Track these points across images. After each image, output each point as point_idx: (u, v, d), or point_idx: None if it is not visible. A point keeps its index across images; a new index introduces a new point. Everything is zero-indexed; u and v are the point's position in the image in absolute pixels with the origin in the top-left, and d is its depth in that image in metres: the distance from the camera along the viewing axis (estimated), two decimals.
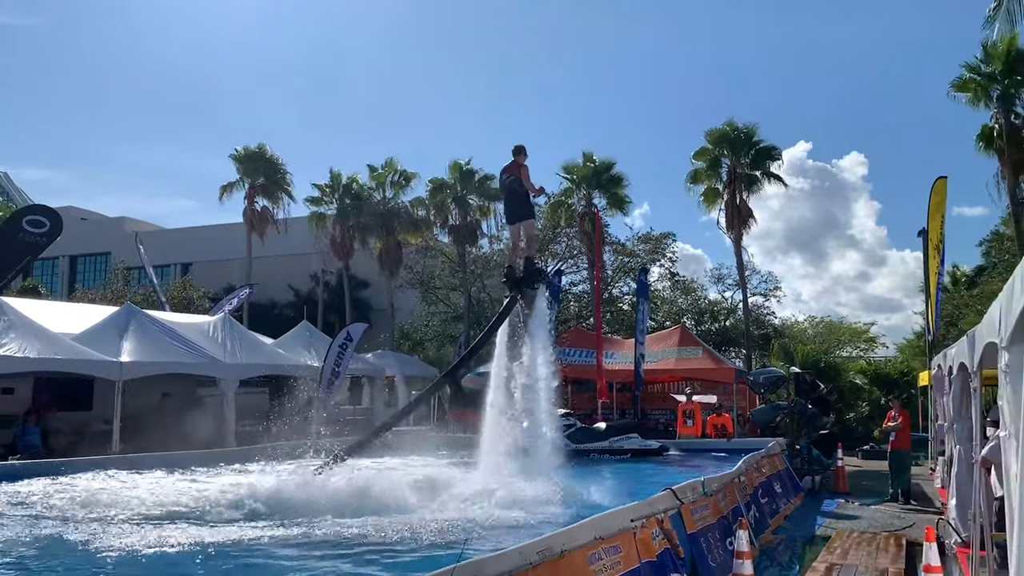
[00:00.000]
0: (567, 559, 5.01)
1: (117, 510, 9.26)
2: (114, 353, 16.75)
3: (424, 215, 35.81)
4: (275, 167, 37.10)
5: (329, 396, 20.55)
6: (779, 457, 14.88)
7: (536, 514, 8.93)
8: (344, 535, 7.72)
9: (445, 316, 39.84)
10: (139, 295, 34.94)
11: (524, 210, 13.23)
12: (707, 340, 32.15)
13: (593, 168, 32.40)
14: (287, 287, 45.87)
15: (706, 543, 7.77)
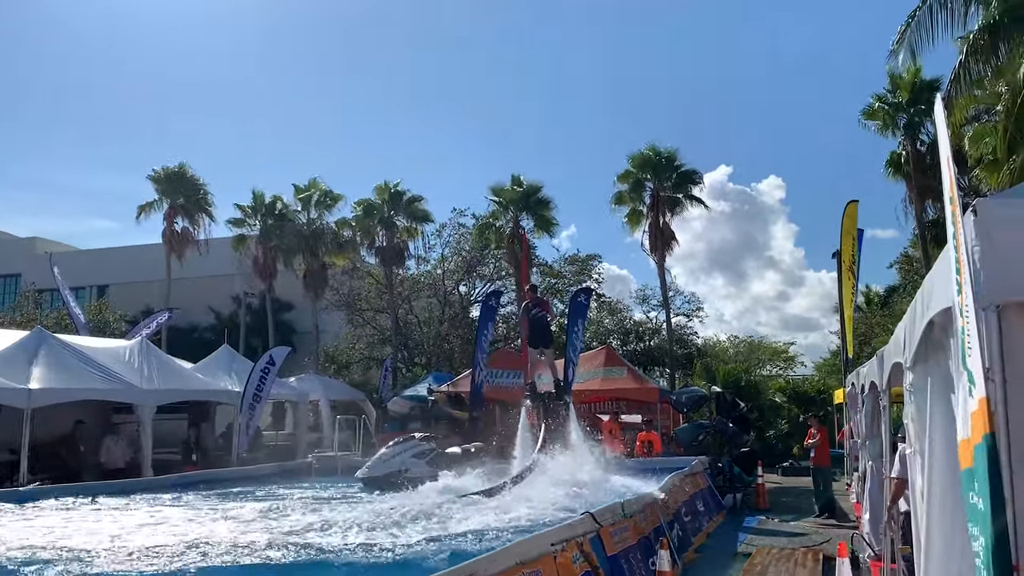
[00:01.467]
0: None
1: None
2: (22, 380, 16.06)
3: (350, 236, 35.46)
4: (195, 187, 36.24)
5: (251, 421, 20.08)
6: (702, 475, 15.17)
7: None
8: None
9: (372, 339, 39.47)
10: (51, 319, 33.60)
11: (547, 340, 16.50)
12: (632, 360, 32.61)
13: (521, 191, 32.69)
14: (208, 309, 44.70)
15: (627, 564, 7.85)
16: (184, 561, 7.91)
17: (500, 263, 38.01)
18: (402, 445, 16.26)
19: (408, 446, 16.23)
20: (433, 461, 15.90)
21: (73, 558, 8.11)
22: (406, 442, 16.55)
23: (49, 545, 8.84)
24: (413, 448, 16.11)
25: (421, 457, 15.91)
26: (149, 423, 18.11)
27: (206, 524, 10.61)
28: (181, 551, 8.37)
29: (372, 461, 16.07)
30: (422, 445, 16.32)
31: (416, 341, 38.78)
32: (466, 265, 38.98)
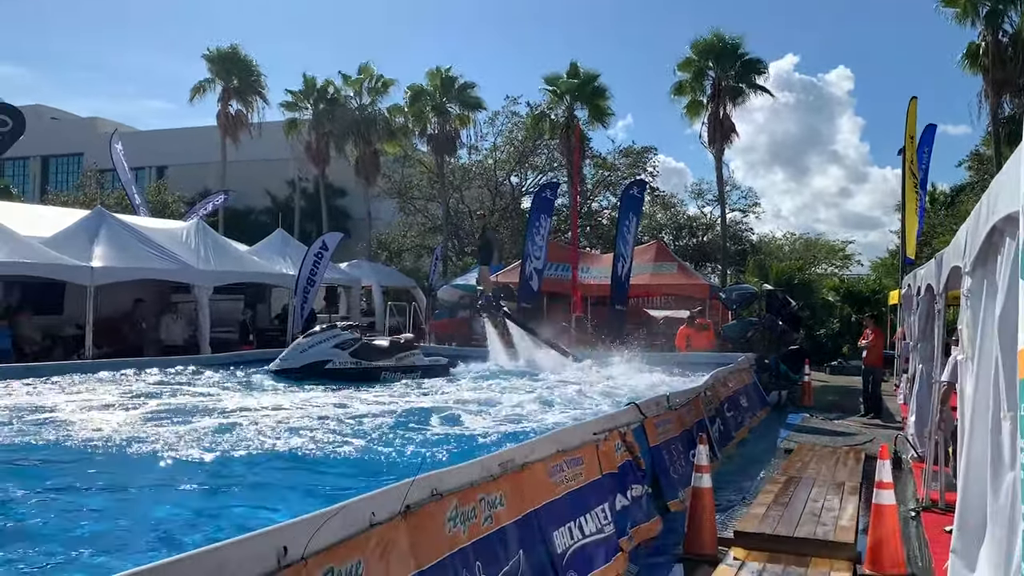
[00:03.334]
0: (528, 471, 5.09)
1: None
2: (85, 258, 16.56)
3: (402, 123, 35.12)
4: (249, 69, 35.99)
5: (305, 304, 20.53)
6: (747, 372, 15.16)
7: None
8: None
9: (423, 227, 39.65)
10: (112, 198, 34.38)
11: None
12: (684, 256, 32.33)
13: (577, 80, 31.77)
14: (263, 193, 45.21)
15: (668, 456, 7.95)
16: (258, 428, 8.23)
17: (553, 154, 37.42)
18: (322, 335, 14.84)
19: (328, 335, 14.78)
20: (357, 352, 14.58)
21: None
22: (326, 331, 15.14)
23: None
24: (334, 338, 14.65)
25: (344, 348, 14.51)
26: (206, 303, 18.64)
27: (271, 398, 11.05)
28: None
29: (287, 351, 14.81)
30: (344, 335, 14.84)
31: (467, 231, 38.85)
32: (518, 155, 38.50)
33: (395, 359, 14.84)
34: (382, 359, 14.69)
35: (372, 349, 14.85)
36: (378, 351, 14.87)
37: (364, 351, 14.61)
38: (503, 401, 11.42)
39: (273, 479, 6.47)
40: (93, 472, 6.51)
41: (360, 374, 14.04)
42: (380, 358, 14.68)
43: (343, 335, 14.77)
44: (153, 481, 6.30)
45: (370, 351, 14.73)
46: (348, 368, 14.17)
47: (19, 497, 5.82)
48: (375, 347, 15.02)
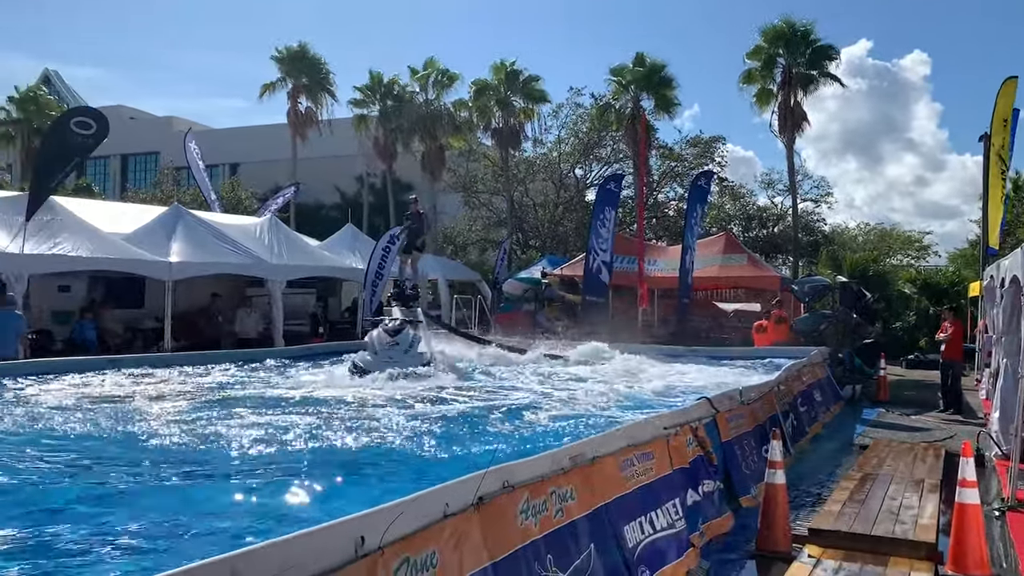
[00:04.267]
0: (599, 465, 5.07)
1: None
2: (164, 253, 17.13)
3: (467, 117, 35.32)
4: (317, 67, 36.72)
5: (373, 298, 20.83)
6: (821, 366, 14.81)
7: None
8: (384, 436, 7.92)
9: (488, 221, 39.80)
10: (188, 195, 35.44)
11: (418, 246, 17.09)
12: (754, 247, 31.74)
13: (643, 70, 31.44)
14: (333, 189, 46.07)
15: (740, 451, 7.83)
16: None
17: (618, 145, 37.12)
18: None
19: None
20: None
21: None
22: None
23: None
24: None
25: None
26: (279, 297, 19.11)
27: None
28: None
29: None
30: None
31: (531, 224, 38.86)
32: (583, 147, 38.29)
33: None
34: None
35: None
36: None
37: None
38: (574, 393, 11.39)
39: (346, 470, 6.59)
40: (176, 461, 6.73)
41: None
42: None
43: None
44: (230, 470, 6.48)
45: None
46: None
47: (104, 483, 6.04)
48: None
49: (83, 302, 17.55)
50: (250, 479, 6.19)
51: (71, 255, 15.23)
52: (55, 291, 17.38)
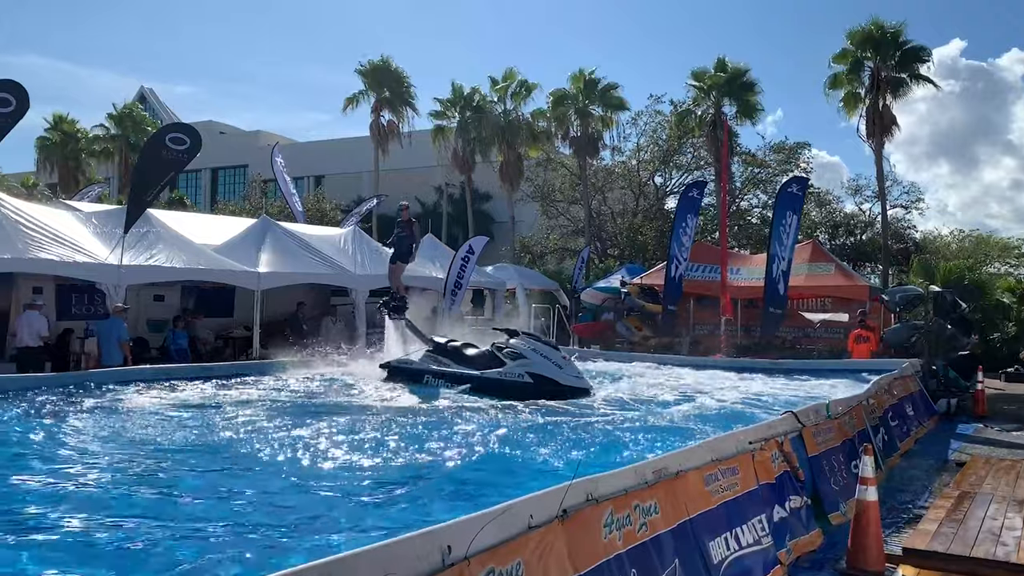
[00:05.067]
0: (683, 479, 5.01)
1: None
2: (253, 264, 17.70)
3: (545, 127, 35.43)
4: (399, 80, 37.44)
5: (452, 307, 21.07)
6: (913, 379, 14.27)
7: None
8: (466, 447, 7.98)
9: (565, 229, 39.78)
10: (275, 207, 36.55)
11: (407, 258, 16.84)
12: (841, 255, 30.86)
13: (724, 75, 30.96)
14: (413, 199, 46.77)
15: (828, 466, 7.60)
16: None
17: (699, 152, 36.69)
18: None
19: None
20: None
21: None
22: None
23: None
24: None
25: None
26: (363, 306, 19.52)
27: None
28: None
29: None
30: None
31: (609, 233, 38.67)
32: (662, 155, 37.94)
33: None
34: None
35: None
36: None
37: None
38: (651, 403, 11.27)
39: (431, 479, 6.66)
40: (263, 467, 6.93)
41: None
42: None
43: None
44: (313, 478, 6.62)
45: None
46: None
47: (192, 489, 6.25)
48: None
49: (176, 311, 18.26)
50: (342, 486, 6.32)
51: (166, 266, 15.89)
52: (151, 300, 18.16)
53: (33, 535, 4.92)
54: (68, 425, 8.69)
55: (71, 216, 16.72)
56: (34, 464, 6.90)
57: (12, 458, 7.11)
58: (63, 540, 4.86)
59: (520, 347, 12.74)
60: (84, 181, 38.77)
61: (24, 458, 7.11)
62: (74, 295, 16.72)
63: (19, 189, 33.21)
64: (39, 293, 15.95)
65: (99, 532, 5.03)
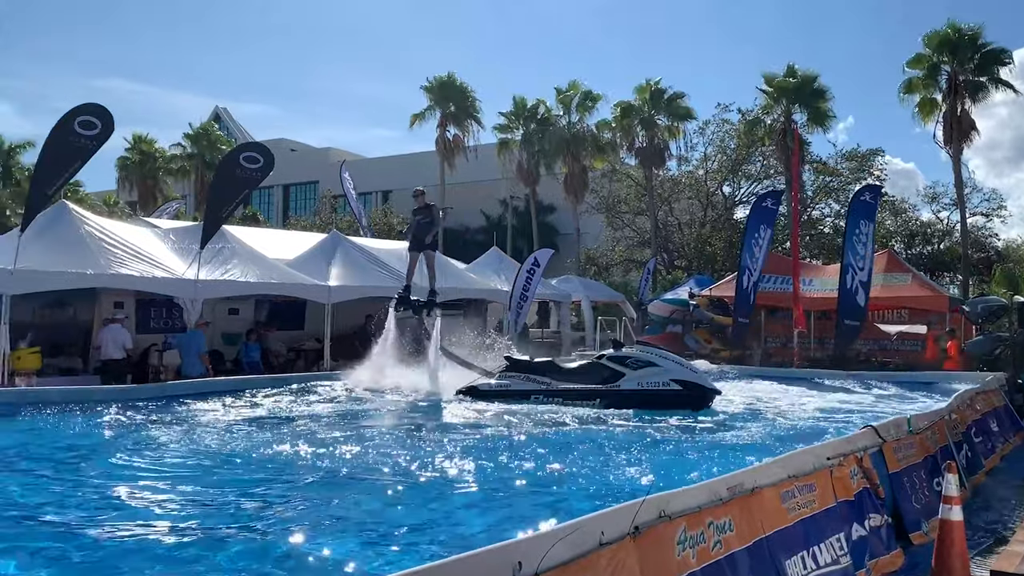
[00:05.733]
0: (758, 496, 4.87)
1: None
2: (323, 277, 18.04)
3: (610, 138, 35.31)
4: (464, 95, 37.83)
5: (518, 319, 21.09)
6: (997, 393, 13.68)
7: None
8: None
9: (631, 241, 39.52)
10: (344, 222, 37.25)
11: (431, 245, 15.91)
12: (918, 265, 29.92)
13: (795, 82, 30.40)
14: (478, 212, 47.16)
15: (910, 483, 7.32)
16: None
17: (768, 161, 36.07)
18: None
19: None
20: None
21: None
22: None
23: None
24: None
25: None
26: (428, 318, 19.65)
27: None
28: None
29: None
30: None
31: (676, 244, 38.27)
32: (731, 164, 37.43)
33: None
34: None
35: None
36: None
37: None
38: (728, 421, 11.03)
39: (501, 495, 6.63)
40: (343, 479, 6.99)
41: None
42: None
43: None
44: (384, 492, 6.66)
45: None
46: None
47: (278, 497, 6.36)
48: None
49: (250, 324, 18.69)
50: (414, 499, 6.33)
51: (240, 280, 16.29)
52: (225, 314, 18.63)
53: (130, 542, 5.06)
54: (155, 435, 8.94)
55: (150, 232, 17.32)
56: (126, 473, 7.12)
57: (107, 468, 7.34)
58: (154, 548, 4.99)
59: (645, 356, 12.35)
60: (162, 198, 40.13)
61: (115, 468, 7.33)
62: (153, 309, 17.26)
63: (101, 207, 34.60)
64: (120, 307, 16.51)
65: (188, 539, 5.15)
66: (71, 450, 8.21)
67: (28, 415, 10.17)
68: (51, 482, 6.84)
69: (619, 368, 12.18)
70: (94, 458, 7.75)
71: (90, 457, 7.81)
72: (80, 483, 6.72)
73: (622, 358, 12.32)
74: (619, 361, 12.27)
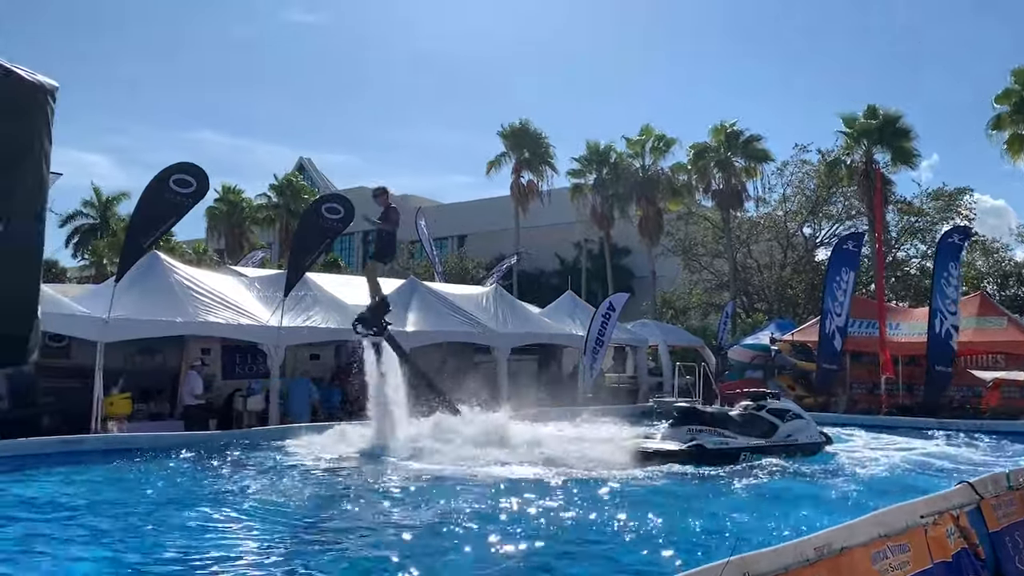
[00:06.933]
0: (847, 557, 4.66)
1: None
2: (401, 323, 18.27)
3: (685, 180, 35.11)
4: (538, 141, 38.24)
5: (594, 364, 20.92)
6: None
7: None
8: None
9: (709, 284, 38.95)
10: (421, 267, 37.85)
11: (391, 252, 14.93)
12: (1012, 308, 28.54)
13: (876, 123, 29.73)
14: (553, 256, 47.29)
15: (1012, 543, 6.90)
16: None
17: (850, 201, 35.23)
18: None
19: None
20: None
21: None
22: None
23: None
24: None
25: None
26: (504, 363, 19.72)
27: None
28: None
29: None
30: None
31: (756, 286, 37.55)
32: (811, 205, 36.70)
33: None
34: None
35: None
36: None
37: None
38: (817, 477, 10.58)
39: (581, 553, 6.48)
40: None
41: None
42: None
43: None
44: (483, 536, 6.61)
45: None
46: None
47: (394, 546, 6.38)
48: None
49: (331, 369, 19.03)
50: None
51: (321, 327, 16.68)
52: (307, 359, 19.03)
53: None
54: (242, 479, 9.15)
55: (236, 281, 17.91)
56: (213, 515, 7.29)
57: (194, 510, 7.53)
58: None
59: (793, 407, 12.85)
60: (248, 247, 41.55)
61: (202, 511, 7.51)
62: (238, 355, 17.77)
63: (191, 255, 36.02)
64: (207, 353, 17.07)
65: None
66: (156, 497, 8.40)
67: (118, 460, 10.48)
68: (138, 527, 7.02)
69: (776, 420, 12.25)
70: (178, 504, 7.93)
71: (175, 503, 8.00)
72: (165, 530, 6.87)
73: (781, 411, 12.45)
74: (777, 414, 12.36)
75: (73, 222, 42.47)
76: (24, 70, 1.94)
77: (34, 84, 1.94)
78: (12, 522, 7.06)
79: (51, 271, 36.36)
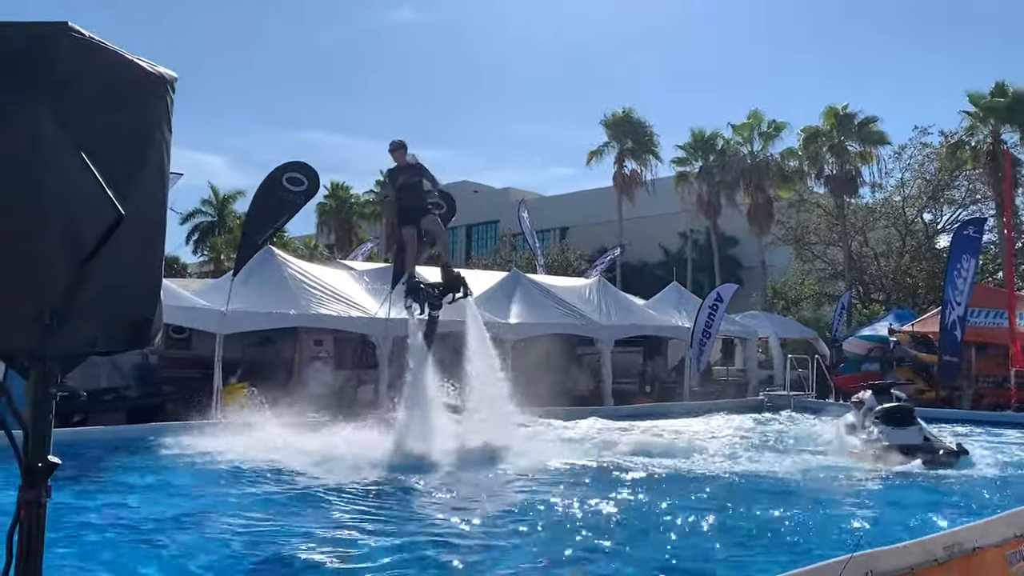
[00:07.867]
0: (980, 557, 4.39)
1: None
2: (504, 315, 18.41)
3: (796, 166, 33.93)
4: (642, 130, 37.69)
5: (701, 357, 20.52)
6: None
7: None
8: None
9: (822, 273, 37.58)
10: (523, 259, 38.00)
11: (423, 210, 11.81)
12: None
13: (1005, 101, 27.94)
14: (657, 247, 46.61)
15: None
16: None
17: (974, 185, 33.31)
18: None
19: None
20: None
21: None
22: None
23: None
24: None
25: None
26: (608, 355, 19.58)
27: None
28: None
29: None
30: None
31: (872, 275, 36.00)
32: (931, 189, 34.88)
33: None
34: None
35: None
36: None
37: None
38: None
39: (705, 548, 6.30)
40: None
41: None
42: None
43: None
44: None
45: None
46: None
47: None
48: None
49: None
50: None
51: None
52: None
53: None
54: None
55: (346, 274, 18.44)
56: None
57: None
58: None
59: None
60: (356, 241, 42.72)
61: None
62: (348, 346, 18.28)
63: (303, 250, 37.34)
64: (319, 344, 17.63)
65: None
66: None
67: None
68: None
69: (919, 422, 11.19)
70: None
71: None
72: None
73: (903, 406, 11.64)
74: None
75: (193, 220, 44.58)
76: (146, 61, 2.02)
77: (154, 75, 2.01)
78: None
79: (172, 267, 38.41)
